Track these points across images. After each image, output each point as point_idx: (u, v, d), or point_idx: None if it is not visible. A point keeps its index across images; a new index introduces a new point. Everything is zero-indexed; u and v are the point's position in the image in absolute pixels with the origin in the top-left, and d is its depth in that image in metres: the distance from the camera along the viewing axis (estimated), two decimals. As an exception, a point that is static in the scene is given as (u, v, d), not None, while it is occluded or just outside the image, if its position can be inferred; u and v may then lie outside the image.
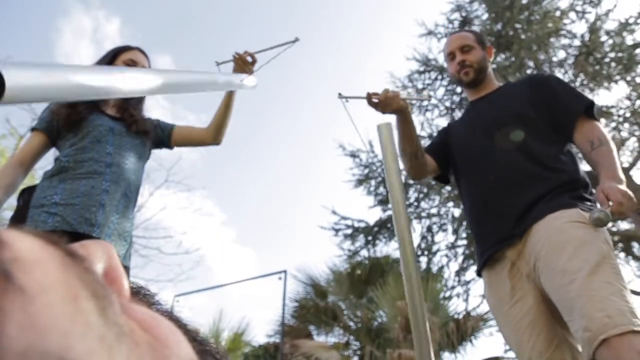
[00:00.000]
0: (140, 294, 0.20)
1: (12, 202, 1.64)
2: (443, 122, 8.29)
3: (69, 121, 1.63)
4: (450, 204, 8.08)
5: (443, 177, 1.80)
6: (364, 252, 8.50)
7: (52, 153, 1.69)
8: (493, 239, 1.45)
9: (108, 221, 1.53)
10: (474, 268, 7.97)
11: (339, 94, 1.46)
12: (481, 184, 1.53)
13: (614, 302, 1.10)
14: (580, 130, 1.47)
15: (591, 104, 1.50)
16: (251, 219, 19.15)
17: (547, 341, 1.29)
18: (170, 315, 0.19)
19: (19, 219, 1.55)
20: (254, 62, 1.67)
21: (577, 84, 7.43)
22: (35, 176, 5.70)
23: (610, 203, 1.22)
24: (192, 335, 0.19)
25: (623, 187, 1.24)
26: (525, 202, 1.40)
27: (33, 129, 1.68)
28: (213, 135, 1.82)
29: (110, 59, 1.77)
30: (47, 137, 1.65)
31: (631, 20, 7.06)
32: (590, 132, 1.45)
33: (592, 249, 1.21)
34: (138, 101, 1.82)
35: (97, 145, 1.61)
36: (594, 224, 1.23)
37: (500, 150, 1.51)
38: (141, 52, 1.83)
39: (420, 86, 8.97)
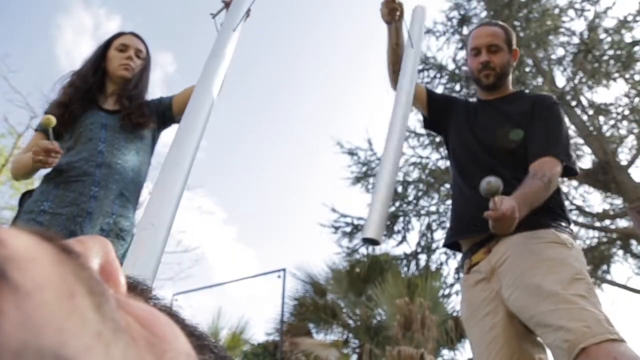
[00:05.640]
0: (137, 289, 0.20)
1: (12, 202, 1.65)
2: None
3: (63, 122, 1.60)
4: (450, 201, 8.09)
5: (429, 122, 1.79)
6: (363, 250, 8.51)
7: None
8: (470, 230, 1.48)
9: (95, 230, 1.51)
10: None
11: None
12: (469, 190, 1.50)
13: (591, 312, 1.14)
14: (536, 161, 1.42)
15: (561, 153, 1.43)
16: (252, 218, 19.17)
17: (505, 357, 1.31)
18: (168, 310, 0.19)
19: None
20: None
21: (576, 81, 7.44)
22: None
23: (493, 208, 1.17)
24: (190, 330, 0.19)
25: (516, 212, 1.19)
26: None
27: (35, 130, 1.73)
28: None
29: (104, 48, 1.76)
30: (47, 139, 1.66)
31: (630, 18, 7.06)
32: (544, 165, 1.39)
33: (565, 268, 1.26)
34: (136, 83, 1.75)
35: (89, 144, 1.60)
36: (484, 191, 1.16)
37: (494, 163, 1.49)
38: (135, 35, 1.79)
39: (419, 84, 8.96)
